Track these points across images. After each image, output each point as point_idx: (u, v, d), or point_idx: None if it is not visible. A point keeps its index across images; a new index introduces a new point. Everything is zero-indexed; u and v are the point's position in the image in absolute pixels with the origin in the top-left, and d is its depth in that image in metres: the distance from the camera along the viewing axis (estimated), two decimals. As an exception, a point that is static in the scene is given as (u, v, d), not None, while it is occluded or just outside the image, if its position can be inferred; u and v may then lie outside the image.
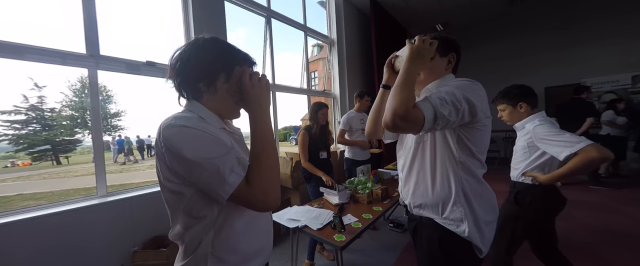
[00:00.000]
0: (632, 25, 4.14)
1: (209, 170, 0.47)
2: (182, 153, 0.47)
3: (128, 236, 1.66)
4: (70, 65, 1.60)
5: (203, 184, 0.48)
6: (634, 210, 2.53)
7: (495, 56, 5.62)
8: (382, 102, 0.89)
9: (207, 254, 0.54)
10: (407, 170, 0.84)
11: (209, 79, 0.56)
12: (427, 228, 0.79)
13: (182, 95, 0.59)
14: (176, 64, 0.56)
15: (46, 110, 10.08)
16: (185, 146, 0.47)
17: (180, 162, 0.48)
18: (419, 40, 0.71)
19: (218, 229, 0.55)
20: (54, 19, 4.30)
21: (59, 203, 1.52)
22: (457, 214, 0.72)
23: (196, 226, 0.54)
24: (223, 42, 0.59)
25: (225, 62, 0.57)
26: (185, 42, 0.58)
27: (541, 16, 4.97)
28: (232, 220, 0.56)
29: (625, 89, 4.05)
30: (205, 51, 0.56)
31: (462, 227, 0.71)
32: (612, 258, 1.76)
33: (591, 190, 3.26)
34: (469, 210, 0.71)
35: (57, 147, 11.98)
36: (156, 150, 0.52)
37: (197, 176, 0.48)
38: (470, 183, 0.73)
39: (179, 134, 0.48)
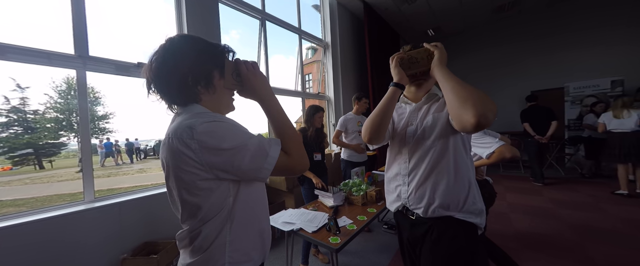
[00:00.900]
0: (611, 32, 4.37)
1: (251, 150, 0.51)
2: (222, 145, 0.49)
3: (117, 243, 1.61)
4: (57, 66, 1.55)
5: (245, 166, 0.51)
6: (615, 209, 2.65)
7: (483, 60, 5.80)
8: (392, 102, 0.81)
9: (225, 244, 0.55)
10: (425, 172, 0.79)
11: (206, 79, 0.56)
12: (452, 226, 0.77)
13: (174, 103, 0.57)
14: (162, 73, 0.53)
15: (29, 112, 9.65)
16: (227, 136, 0.50)
17: (220, 154, 0.49)
18: (441, 46, 0.76)
19: (233, 218, 0.56)
20: (41, 18, 4.12)
21: (41, 209, 1.46)
22: (478, 205, 0.78)
23: (216, 218, 0.54)
24: (198, 38, 0.58)
25: (214, 58, 0.57)
26: (159, 49, 0.54)
27: (527, 23, 5.18)
28: (244, 208, 0.58)
29: (605, 93, 4.25)
30: (191, 52, 0.55)
31: (480, 217, 0.77)
32: (594, 254, 1.83)
33: (576, 190, 3.39)
34: (479, 198, 0.79)
35: (40, 151, 11.47)
36: (174, 155, 0.50)
37: (240, 160, 0.50)
38: (473, 175, 0.82)
39: (215, 128, 0.49)
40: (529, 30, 5.19)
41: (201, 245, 0.54)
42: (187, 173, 0.50)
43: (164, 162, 0.54)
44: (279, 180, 2.54)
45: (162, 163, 0.56)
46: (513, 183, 3.93)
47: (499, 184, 3.89)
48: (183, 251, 0.58)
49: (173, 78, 0.53)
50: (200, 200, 0.52)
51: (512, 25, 5.35)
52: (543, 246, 1.99)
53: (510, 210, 2.81)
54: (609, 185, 3.47)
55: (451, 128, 0.75)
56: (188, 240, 0.56)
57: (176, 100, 0.56)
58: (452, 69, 0.69)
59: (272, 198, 2.74)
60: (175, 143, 0.49)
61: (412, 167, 0.83)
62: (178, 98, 0.56)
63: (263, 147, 0.53)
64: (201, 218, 0.53)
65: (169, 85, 0.54)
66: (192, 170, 0.50)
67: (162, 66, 0.53)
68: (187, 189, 0.52)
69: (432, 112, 0.82)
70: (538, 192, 3.37)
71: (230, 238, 0.56)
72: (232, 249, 0.56)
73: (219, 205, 0.54)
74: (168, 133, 0.52)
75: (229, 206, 0.55)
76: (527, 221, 2.48)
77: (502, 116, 4.94)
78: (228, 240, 0.55)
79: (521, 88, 5.23)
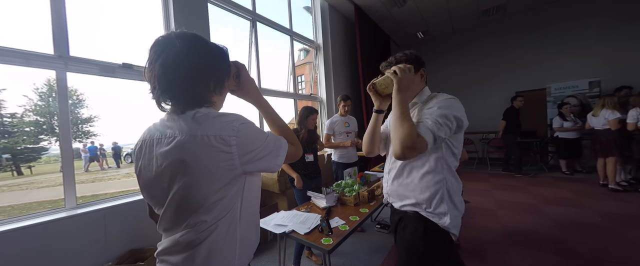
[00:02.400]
0: (589, 35, 4.61)
1: (271, 143, 0.60)
2: (256, 141, 0.57)
3: (101, 251, 1.54)
4: (35, 66, 1.48)
5: (270, 157, 0.59)
6: (594, 203, 2.78)
7: (470, 62, 5.98)
8: (376, 125, 0.95)
9: (236, 238, 0.57)
10: (398, 169, 0.90)
11: (221, 84, 0.61)
12: (412, 220, 0.86)
13: (189, 103, 0.56)
14: (184, 80, 0.53)
15: (6, 116, 9.14)
16: (257, 132, 0.58)
17: (254, 149, 0.56)
18: (400, 72, 0.80)
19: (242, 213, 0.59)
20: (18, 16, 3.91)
21: (19, 217, 1.38)
22: (442, 209, 0.82)
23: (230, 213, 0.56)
24: (204, 40, 0.58)
25: (228, 60, 0.62)
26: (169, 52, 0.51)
27: (511, 26, 5.39)
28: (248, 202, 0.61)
29: (584, 94, 4.47)
30: (213, 55, 0.57)
31: (444, 219, 0.81)
32: (578, 247, 1.92)
33: (560, 186, 3.53)
34: (451, 204, 0.82)
35: (18, 156, 10.88)
36: (209, 153, 0.51)
37: (267, 153, 0.59)
38: (451, 181, 0.84)
39: (249, 126, 0.57)
40: (513, 33, 5.39)
41: (214, 243, 0.54)
42: (219, 168, 0.52)
43: (180, 159, 0.51)
44: (271, 183, 2.52)
45: (172, 163, 0.52)
46: (500, 180, 4.05)
47: (486, 182, 4.01)
48: (184, 258, 0.53)
49: (200, 82, 0.55)
50: (222, 194, 0.54)
51: (498, 28, 5.55)
52: (529, 242, 2.06)
53: (497, 206, 2.90)
54: (588, 181, 3.65)
55: None
56: (196, 241, 0.53)
57: (192, 103, 0.56)
58: (441, 70, 0.73)
59: (265, 200, 2.71)
60: (213, 140, 0.52)
61: (391, 165, 0.94)
62: (195, 101, 0.56)
63: (277, 141, 0.62)
64: (220, 211, 0.55)
65: (193, 88, 0.55)
66: (224, 164, 0.53)
67: (189, 68, 0.53)
68: (214, 185, 0.53)
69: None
70: (524, 189, 3.50)
71: (240, 232, 0.58)
72: (241, 243, 0.59)
73: (235, 199, 0.57)
74: (194, 134, 0.52)
75: (239, 201, 0.58)
76: (513, 217, 2.56)
77: (489, 115, 5.08)
78: (238, 234, 0.58)
79: (506, 89, 5.42)
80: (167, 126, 0.56)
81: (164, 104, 0.57)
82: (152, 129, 0.58)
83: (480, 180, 4.18)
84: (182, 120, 0.54)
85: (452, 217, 0.81)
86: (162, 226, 0.58)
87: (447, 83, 6.25)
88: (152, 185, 0.56)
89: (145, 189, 0.58)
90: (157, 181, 0.55)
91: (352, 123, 2.57)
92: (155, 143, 0.55)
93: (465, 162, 1.43)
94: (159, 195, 0.56)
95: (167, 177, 0.53)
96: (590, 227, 2.24)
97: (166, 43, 0.53)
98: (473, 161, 5.45)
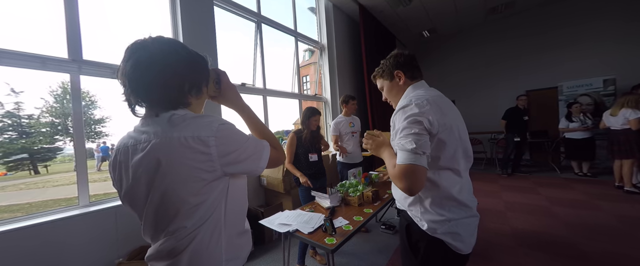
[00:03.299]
0: (604, 31, 4.45)
1: (252, 146, 0.59)
2: (235, 143, 0.56)
3: (112, 248, 1.60)
4: (51, 70, 1.55)
5: (251, 160, 0.58)
6: (608, 205, 2.68)
7: (478, 60, 5.87)
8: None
9: (221, 243, 0.57)
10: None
11: (198, 86, 0.59)
12: (402, 219, 0.87)
13: (161, 105, 0.54)
14: (157, 79, 0.51)
15: (24, 117, 9.55)
16: (236, 134, 0.57)
17: (234, 151, 0.55)
18: (368, 146, 0.86)
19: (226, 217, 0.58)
20: (35, 22, 4.12)
21: (36, 214, 1.45)
22: (416, 212, 0.80)
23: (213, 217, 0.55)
24: (183, 45, 0.57)
25: (206, 67, 0.62)
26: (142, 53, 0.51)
27: (520, 23, 5.25)
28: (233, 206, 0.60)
29: (598, 92, 4.32)
30: (188, 57, 0.56)
31: (422, 222, 0.78)
32: (589, 250, 1.85)
33: (572, 188, 3.42)
34: (423, 210, 0.78)
35: (35, 156, 11.33)
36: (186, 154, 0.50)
37: (247, 155, 0.58)
38: (426, 192, 0.77)
39: (228, 127, 0.55)
40: (522, 30, 5.26)
41: (196, 250, 0.53)
42: (198, 170, 0.51)
43: (156, 163, 0.50)
44: (276, 182, 2.54)
45: (147, 168, 0.51)
46: (509, 181, 3.96)
47: (495, 183, 3.92)
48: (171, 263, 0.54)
49: (173, 81, 0.53)
50: (202, 198, 0.53)
51: (506, 26, 5.42)
52: (539, 244, 2.01)
53: (506, 208, 2.83)
54: (603, 183, 3.52)
55: None
56: (177, 249, 0.53)
57: (164, 103, 0.54)
58: (448, 69, 0.71)
59: (270, 199, 2.74)
60: (191, 141, 0.50)
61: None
62: (167, 101, 0.54)
63: (259, 144, 0.62)
64: (201, 216, 0.53)
65: (163, 86, 0.52)
66: (203, 166, 0.51)
67: (166, 67, 0.52)
68: (193, 188, 0.51)
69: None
70: (534, 191, 3.41)
71: (226, 237, 0.57)
72: (227, 248, 0.57)
73: (217, 203, 0.56)
74: (170, 136, 0.50)
75: (222, 206, 0.57)
76: (523, 220, 2.50)
77: (498, 115, 4.95)
78: (224, 239, 0.57)
79: (516, 88, 5.29)
80: (141, 132, 0.54)
81: (138, 107, 0.55)
82: (125, 138, 0.56)
83: (488, 181, 4.09)
84: (157, 124, 0.53)
85: (431, 222, 0.74)
86: (146, 236, 0.58)
87: (454, 83, 6.15)
88: (131, 194, 0.55)
89: (126, 200, 0.57)
90: (134, 190, 0.53)
91: (357, 123, 2.57)
92: (131, 152, 0.53)
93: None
94: (139, 205, 0.54)
95: (143, 184, 0.52)
96: (604, 230, 2.16)
97: (140, 45, 0.52)
98: (481, 161, 5.34)
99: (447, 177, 0.76)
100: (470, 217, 0.78)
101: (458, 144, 0.77)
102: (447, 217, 0.74)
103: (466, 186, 0.80)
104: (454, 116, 0.79)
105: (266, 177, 2.64)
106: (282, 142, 2.54)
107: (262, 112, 3.00)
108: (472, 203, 0.80)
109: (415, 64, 0.88)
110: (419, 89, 0.84)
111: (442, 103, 0.78)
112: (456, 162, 0.77)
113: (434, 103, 0.74)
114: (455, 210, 0.76)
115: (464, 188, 0.79)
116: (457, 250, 0.75)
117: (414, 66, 0.87)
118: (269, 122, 3.06)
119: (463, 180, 0.79)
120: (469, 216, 0.78)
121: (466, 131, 0.83)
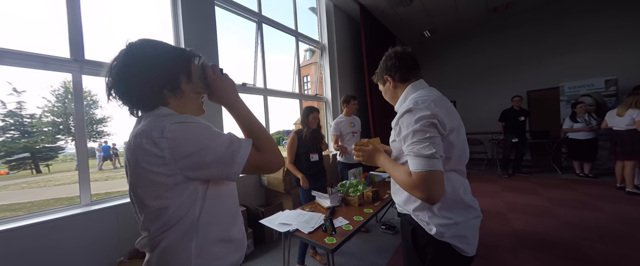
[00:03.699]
0: (605, 32, 4.43)
1: (221, 148, 0.52)
2: (193, 143, 0.50)
3: (113, 246, 1.60)
4: (53, 69, 1.56)
5: (216, 164, 0.51)
6: (610, 206, 2.67)
7: (479, 60, 5.85)
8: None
9: (191, 251, 0.54)
10: None
11: (172, 84, 0.56)
12: (406, 223, 0.82)
13: (138, 108, 0.56)
14: (125, 78, 0.52)
15: (25, 116, 9.61)
16: (197, 135, 0.50)
17: (191, 152, 0.49)
18: (359, 157, 0.87)
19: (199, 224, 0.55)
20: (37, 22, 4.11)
21: (38, 213, 1.45)
22: (423, 217, 0.75)
23: (181, 223, 0.53)
24: (162, 43, 0.57)
25: (181, 63, 0.57)
26: (119, 54, 0.53)
27: (522, 24, 5.24)
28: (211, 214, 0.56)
29: (599, 92, 4.30)
30: (155, 57, 0.54)
31: (429, 227, 0.74)
32: (591, 252, 1.85)
33: (573, 189, 3.41)
34: (431, 215, 0.74)
35: (37, 155, 11.39)
36: (143, 155, 0.49)
37: (210, 158, 0.51)
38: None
39: (186, 127, 0.50)
40: (524, 30, 5.24)
41: (164, 253, 0.53)
42: (155, 174, 0.49)
43: (129, 165, 0.53)
44: (276, 182, 2.54)
45: (127, 167, 0.54)
46: (510, 182, 3.95)
47: (495, 183, 3.92)
48: (145, 260, 0.56)
49: (136, 83, 0.52)
50: (165, 203, 0.51)
51: (507, 26, 5.40)
52: (540, 245, 2.00)
53: (507, 209, 2.83)
54: (604, 184, 3.50)
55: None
56: (149, 247, 0.55)
57: (140, 105, 0.56)
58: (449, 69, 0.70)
59: (270, 199, 2.74)
60: (144, 142, 0.48)
61: None
62: (142, 103, 0.55)
63: (233, 145, 0.53)
64: (166, 221, 0.51)
65: (131, 90, 0.53)
66: (160, 170, 0.49)
67: (125, 71, 0.52)
68: (153, 191, 0.51)
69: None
70: (535, 191, 3.40)
71: (197, 244, 0.54)
72: (199, 257, 0.54)
73: (185, 209, 0.52)
74: (135, 134, 0.51)
75: (195, 212, 0.54)
76: (524, 220, 2.49)
77: (498, 114, 4.94)
78: (194, 247, 0.53)
79: (517, 88, 5.27)
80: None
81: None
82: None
83: (489, 181, 4.09)
84: (136, 124, 0.56)
85: (439, 226, 0.71)
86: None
87: (455, 83, 6.14)
88: None
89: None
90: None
91: (357, 124, 2.57)
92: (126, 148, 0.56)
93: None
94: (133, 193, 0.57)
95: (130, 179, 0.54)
96: (605, 231, 2.15)
97: (116, 55, 0.54)
98: (482, 162, 5.33)
99: (455, 178, 0.75)
100: (476, 218, 0.78)
101: (464, 145, 0.76)
102: (455, 220, 0.72)
103: (468, 186, 0.79)
104: (456, 116, 0.77)
105: (267, 177, 2.65)
106: (283, 142, 2.53)
107: (262, 112, 3.00)
108: (475, 203, 0.79)
109: (406, 64, 0.82)
110: (420, 89, 0.81)
111: (446, 104, 0.76)
112: (462, 163, 0.76)
113: (440, 104, 0.72)
114: (462, 212, 0.74)
115: (467, 188, 0.78)
116: (463, 252, 0.73)
117: (404, 67, 0.82)
118: (270, 122, 3.07)
119: (466, 181, 0.79)
120: (474, 217, 0.77)
121: (463, 129, 0.82)
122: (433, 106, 0.69)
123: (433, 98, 0.73)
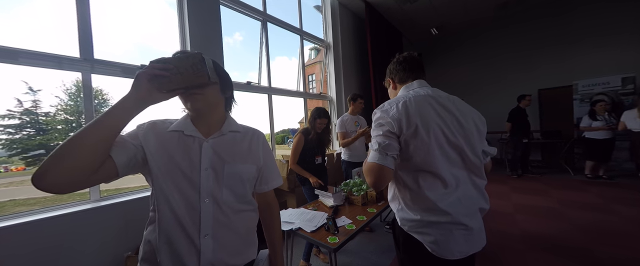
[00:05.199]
0: (622, 28, 4.24)
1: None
2: None
3: (121, 241, 1.65)
4: (65, 69, 1.60)
5: None
6: (626, 210, 2.57)
7: (488, 58, 5.71)
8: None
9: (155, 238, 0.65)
10: None
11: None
12: (394, 219, 0.88)
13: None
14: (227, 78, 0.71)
15: (40, 114, 9.96)
16: None
17: None
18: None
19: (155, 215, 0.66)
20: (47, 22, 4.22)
21: (51, 207, 1.51)
22: (394, 207, 0.84)
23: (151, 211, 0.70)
24: None
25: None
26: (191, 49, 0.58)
27: (533, 19, 5.07)
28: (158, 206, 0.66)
29: (616, 91, 4.13)
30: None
31: (397, 217, 0.82)
32: (603, 256, 1.78)
33: (587, 190, 3.30)
34: (399, 207, 0.81)
35: (51, 151, 11.80)
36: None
37: None
38: (402, 191, 0.80)
39: None
40: (535, 26, 5.07)
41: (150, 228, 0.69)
42: None
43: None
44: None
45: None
46: (519, 183, 3.85)
47: (504, 184, 3.83)
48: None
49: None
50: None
51: (518, 22, 5.24)
52: (550, 248, 1.95)
53: (515, 210, 2.76)
54: (619, 185, 3.38)
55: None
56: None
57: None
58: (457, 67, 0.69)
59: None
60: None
61: None
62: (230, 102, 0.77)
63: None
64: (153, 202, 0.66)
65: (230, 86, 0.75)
66: None
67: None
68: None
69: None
70: (545, 192, 3.30)
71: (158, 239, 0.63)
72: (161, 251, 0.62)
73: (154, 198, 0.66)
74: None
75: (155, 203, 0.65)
76: (533, 222, 2.43)
77: (507, 114, 4.82)
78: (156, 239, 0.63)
79: (527, 86, 5.12)
80: None
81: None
82: None
83: (497, 181, 3.99)
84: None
85: (403, 219, 0.79)
86: None
87: (463, 81, 6.01)
88: None
89: None
90: None
91: (362, 123, 2.55)
92: None
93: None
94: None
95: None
96: (618, 235, 2.08)
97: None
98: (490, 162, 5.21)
99: (424, 179, 0.73)
100: (452, 225, 0.71)
101: (434, 145, 0.71)
102: (420, 217, 0.74)
103: (450, 194, 0.72)
104: (434, 116, 0.73)
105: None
106: (288, 141, 2.52)
107: (267, 110, 3.02)
108: (454, 211, 0.71)
109: (404, 66, 0.87)
110: (410, 90, 0.84)
111: (421, 104, 0.74)
112: (434, 164, 0.71)
113: (411, 105, 0.74)
114: (429, 213, 0.72)
115: (447, 195, 0.72)
116: (434, 252, 0.72)
117: (403, 69, 0.88)
118: (274, 121, 3.08)
119: (449, 184, 0.72)
120: (449, 223, 0.71)
121: (463, 132, 0.74)
122: (394, 109, 0.75)
123: (406, 99, 0.77)
